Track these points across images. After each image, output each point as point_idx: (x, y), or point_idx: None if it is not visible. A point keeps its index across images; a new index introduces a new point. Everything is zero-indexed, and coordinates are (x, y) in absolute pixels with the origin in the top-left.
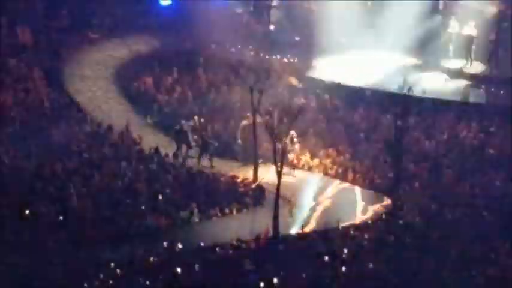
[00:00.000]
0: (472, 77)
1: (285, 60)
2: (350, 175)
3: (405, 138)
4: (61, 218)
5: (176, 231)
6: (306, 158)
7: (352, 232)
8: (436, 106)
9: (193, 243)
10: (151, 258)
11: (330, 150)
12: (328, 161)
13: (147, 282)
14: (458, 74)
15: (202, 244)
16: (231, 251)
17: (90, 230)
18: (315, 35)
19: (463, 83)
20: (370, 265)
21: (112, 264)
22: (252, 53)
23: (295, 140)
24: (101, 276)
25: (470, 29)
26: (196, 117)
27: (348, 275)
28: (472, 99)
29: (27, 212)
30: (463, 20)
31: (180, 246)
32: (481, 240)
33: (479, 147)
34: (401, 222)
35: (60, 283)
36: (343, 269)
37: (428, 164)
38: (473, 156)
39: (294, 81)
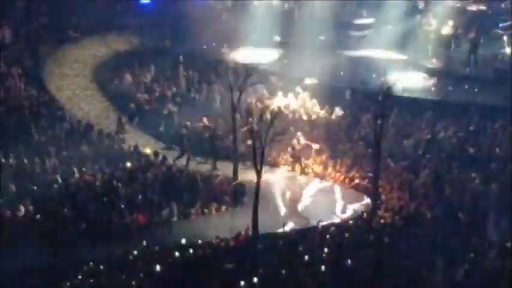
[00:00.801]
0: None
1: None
2: (330, 174)
3: (384, 137)
4: (39, 216)
5: (155, 230)
6: (286, 157)
7: (331, 231)
8: (415, 105)
9: (172, 241)
10: (130, 257)
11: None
12: (308, 160)
13: (126, 281)
14: (438, 72)
15: (181, 242)
16: (209, 250)
17: (69, 229)
18: (297, 34)
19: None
20: (349, 264)
21: (91, 263)
22: (232, 51)
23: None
24: (79, 275)
25: (449, 28)
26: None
27: (327, 274)
28: (448, 97)
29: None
30: (443, 19)
31: (159, 244)
32: (457, 238)
33: (458, 146)
34: (381, 221)
35: (39, 282)
36: (323, 267)
37: (407, 163)
38: (453, 155)
39: (274, 79)
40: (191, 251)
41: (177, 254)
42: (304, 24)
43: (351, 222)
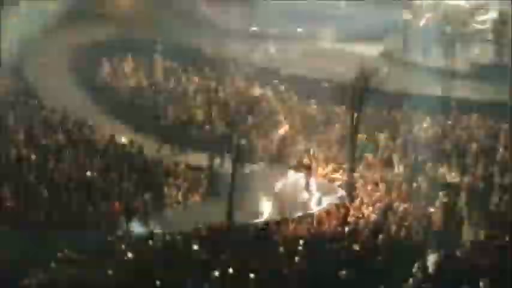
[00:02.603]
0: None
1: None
2: (306, 166)
3: (361, 130)
4: (15, 204)
5: (130, 220)
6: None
7: (306, 223)
8: (392, 98)
9: (147, 231)
10: (105, 246)
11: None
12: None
13: (101, 270)
14: (415, 66)
15: (155, 232)
16: (185, 240)
17: (44, 217)
18: (271, 24)
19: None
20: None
21: (66, 252)
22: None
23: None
24: (54, 263)
25: (426, 22)
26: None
27: (302, 266)
28: (428, 91)
29: None
30: (420, 13)
31: (134, 234)
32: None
33: (435, 139)
34: (353, 213)
35: (13, 270)
36: (297, 259)
37: (384, 157)
38: (429, 148)
39: (251, 71)
40: (165, 240)
41: (151, 243)
42: (281, 15)
43: (324, 214)
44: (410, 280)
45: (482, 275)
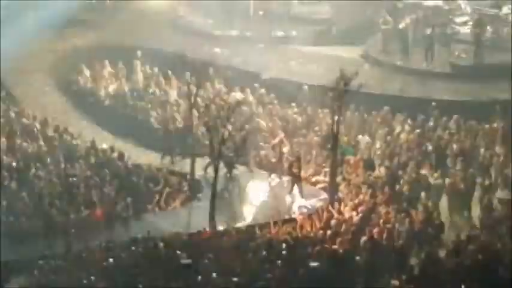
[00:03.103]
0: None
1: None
2: (288, 169)
3: (341, 132)
4: None
5: (111, 225)
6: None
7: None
8: (372, 100)
9: (128, 236)
10: (87, 252)
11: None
12: (266, 155)
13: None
14: (395, 68)
15: (137, 237)
16: (165, 244)
17: (26, 224)
18: (253, 28)
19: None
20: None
21: (47, 258)
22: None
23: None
24: (36, 270)
25: (406, 24)
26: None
27: (284, 270)
28: (409, 94)
29: None
30: (400, 15)
31: (115, 239)
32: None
33: (415, 141)
34: (337, 216)
35: None
36: (279, 262)
37: (364, 159)
38: (409, 150)
39: (231, 74)
40: (147, 245)
41: (133, 248)
42: (260, 19)
43: (307, 217)
44: (392, 281)
45: (465, 275)
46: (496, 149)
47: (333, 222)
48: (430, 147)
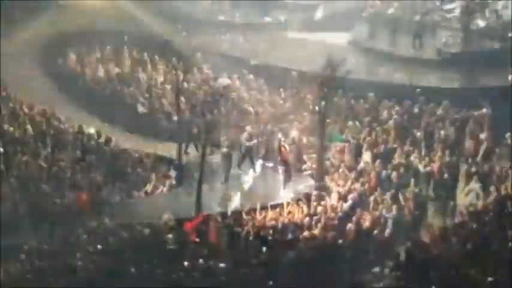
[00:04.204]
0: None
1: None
2: (277, 155)
3: (329, 119)
4: None
5: (98, 211)
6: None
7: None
8: (360, 87)
9: (114, 222)
10: (73, 237)
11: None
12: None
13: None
14: (383, 54)
15: (123, 222)
16: (151, 230)
17: (11, 210)
18: (239, 14)
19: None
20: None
21: (33, 244)
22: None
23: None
24: (22, 255)
25: (394, 10)
26: None
27: (270, 256)
28: (396, 80)
29: None
30: (388, 1)
31: (102, 224)
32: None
33: (403, 128)
34: (322, 202)
35: None
36: (264, 249)
37: (351, 146)
38: (396, 138)
39: (218, 60)
40: (134, 230)
41: (120, 234)
42: (248, 5)
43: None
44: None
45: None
46: (482, 135)
47: (319, 208)
48: (418, 134)
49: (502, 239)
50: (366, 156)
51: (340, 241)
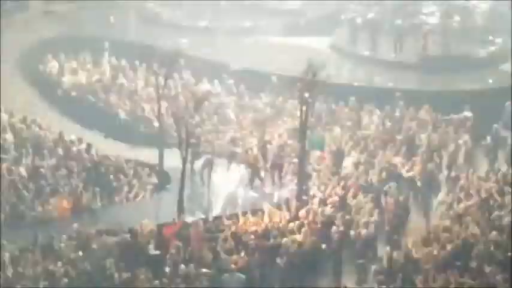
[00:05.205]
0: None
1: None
2: (258, 160)
3: (310, 123)
4: None
5: (78, 216)
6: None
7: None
8: (340, 91)
9: (95, 227)
10: (54, 243)
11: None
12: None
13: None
14: (363, 58)
15: (104, 228)
16: (132, 236)
17: None
18: (219, 19)
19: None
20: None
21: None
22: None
23: None
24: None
25: (374, 14)
26: None
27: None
28: (377, 84)
29: None
30: (369, 5)
31: (83, 231)
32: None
33: (384, 132)
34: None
35: None
36: (242, 254)
37: (333, 150)
38: (377, 141)
39: (199, 65)
40: (115, 237)
41: (101, 239)
42: (229, 10)
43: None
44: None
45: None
46: (464, 138)
47: (301, 213)
48: (399, 138)
49: (483, 242)
50: (348, 161)
51: (324, 246)
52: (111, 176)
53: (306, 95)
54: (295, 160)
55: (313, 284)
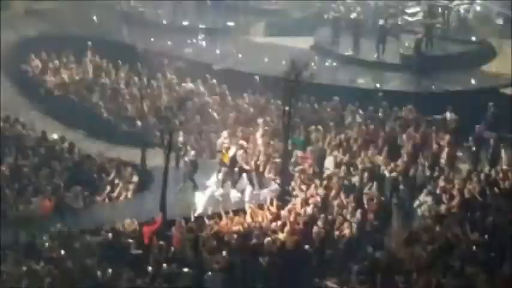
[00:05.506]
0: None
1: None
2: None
3: (293, 123)
4: None
5: (61, 216)
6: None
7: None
8: (323, 91)
9: (77, 227)
10: (37, 243)
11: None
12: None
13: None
14: (346, 59)
15: (86, 228)
16: (114, 235)
17: None
18: (202, 18)
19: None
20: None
21: None
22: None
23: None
24: None
25: (356, 14)
26: None
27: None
28: (360, 85)
29: None
30: (351, 5)
31: (65, 230)
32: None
33: (367, 132)
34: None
35: None
36: (224, 253)
37: (315, 150)
38: (359, 141)
39: (182, 65)
40: (98, 236)
41: (83, 239)
42: (213, 9)
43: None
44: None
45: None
46: (446, 139)
47: (283, 213)
48: (382, 138)
49: (465, 242)
50: (330, 160)
51: (307, 246)
52: (94, 175)
53: (289, 95)
54: (278, 160)
55: (295, 284)
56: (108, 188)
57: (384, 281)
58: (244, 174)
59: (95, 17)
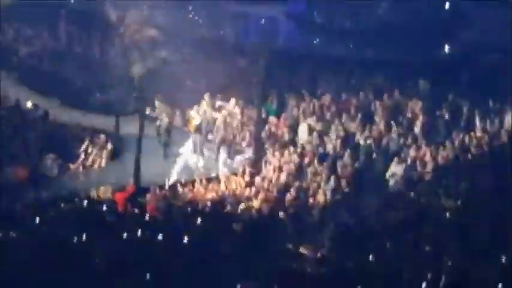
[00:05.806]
0: None
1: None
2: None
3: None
4: None
5: (35, 184)
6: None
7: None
8: (297, 59)
9: (51, 195)
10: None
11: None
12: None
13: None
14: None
15: (60, 196)
16: (90, 203)
17: None
18: None
19: None
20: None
21: None
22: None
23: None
24: None
25: None
26: None
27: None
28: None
29: None
30: None
31: (39, 198)
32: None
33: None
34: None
35: None
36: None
37: (288, 118)
38: (333, 109)
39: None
40: (72, 204)
41: (59, 207)
42: None
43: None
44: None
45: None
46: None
47: (257, 180)
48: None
49: (438, 209)
50: (303, 128)
51: (281, 213)
52: (68, 144)
53: (263, 62)
54: (251, 127)
55: (269, 251)
56: (83, 156)
57: (357, 247)
58: (217, 142)
59: None
